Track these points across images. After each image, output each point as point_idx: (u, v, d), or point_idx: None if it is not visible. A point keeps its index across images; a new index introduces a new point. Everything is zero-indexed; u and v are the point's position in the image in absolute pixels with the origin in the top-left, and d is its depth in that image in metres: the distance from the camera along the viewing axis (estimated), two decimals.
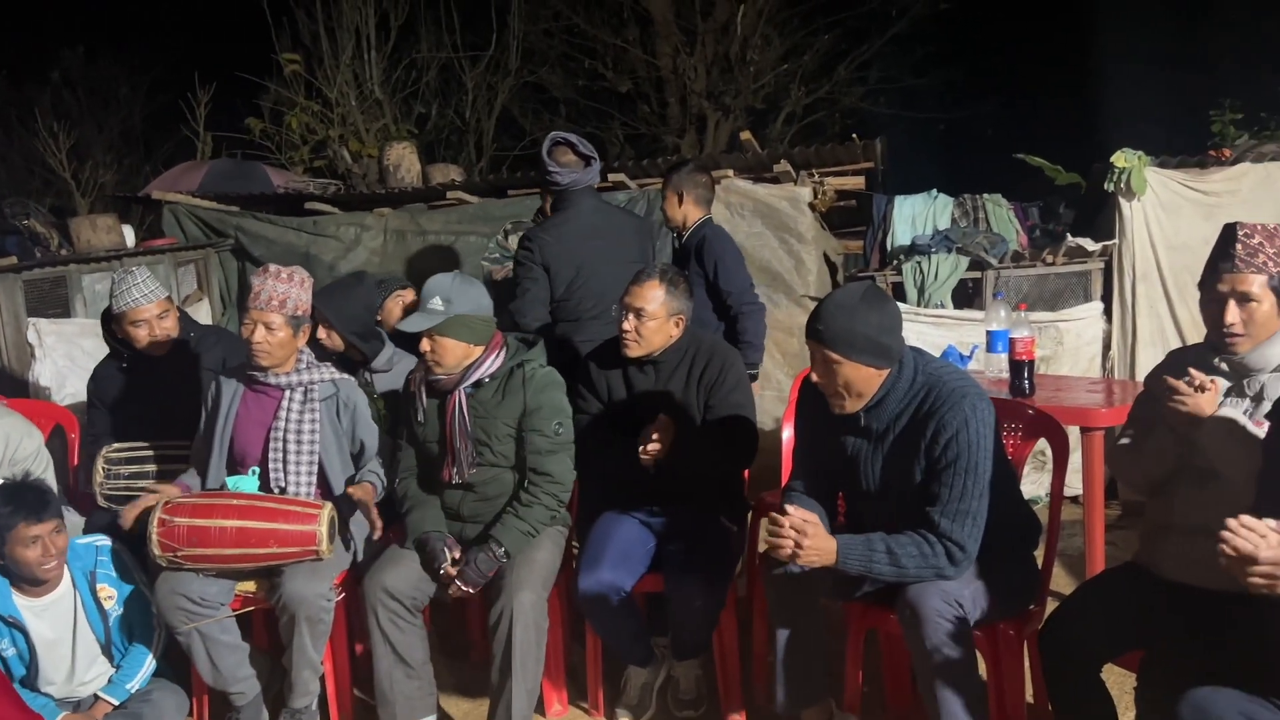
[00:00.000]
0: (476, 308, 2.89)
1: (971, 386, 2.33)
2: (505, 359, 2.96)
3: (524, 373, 2.94)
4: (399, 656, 2.88)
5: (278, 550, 2.82)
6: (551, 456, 2.92)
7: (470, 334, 2.87)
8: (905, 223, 5.46)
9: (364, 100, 10.03)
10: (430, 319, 2.82)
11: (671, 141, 11.68)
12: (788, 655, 2.56)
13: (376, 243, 5.88)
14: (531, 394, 2.92)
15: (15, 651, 2.82)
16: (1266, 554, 1.62)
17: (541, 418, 2.92)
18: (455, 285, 2.88)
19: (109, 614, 2.90)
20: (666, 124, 11.94)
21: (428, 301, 2.86)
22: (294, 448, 3.02)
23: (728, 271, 3.88)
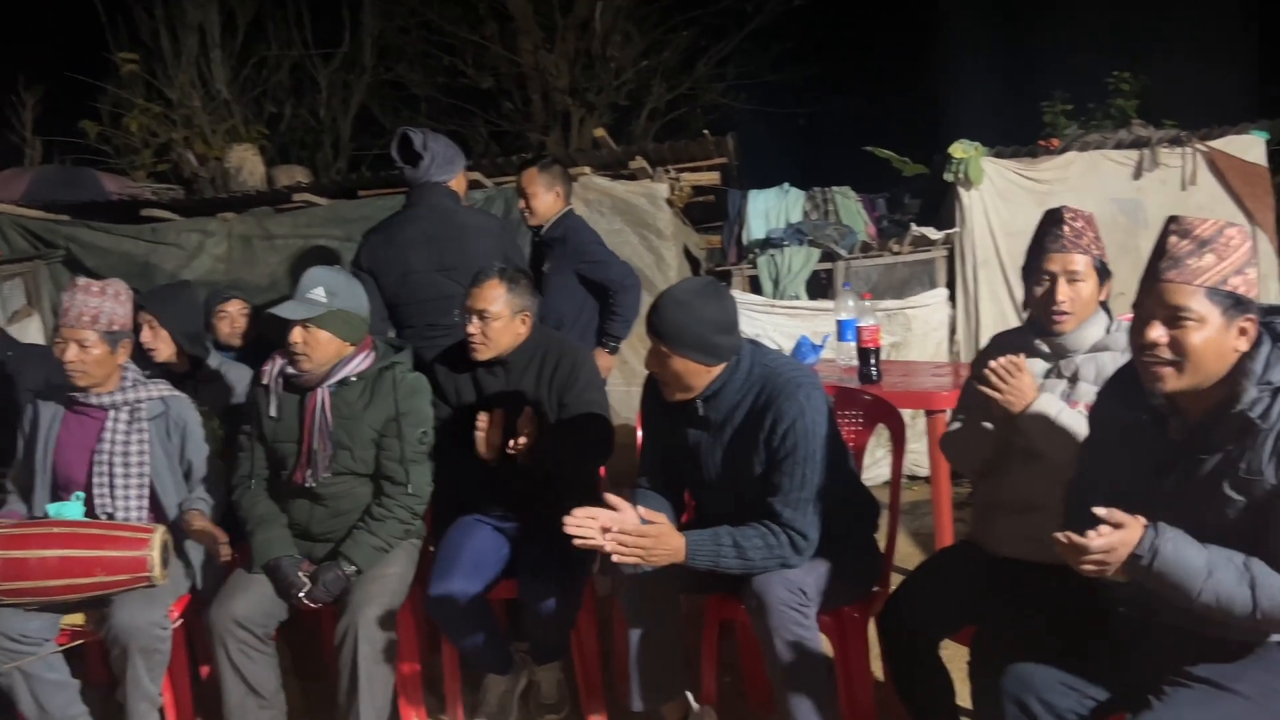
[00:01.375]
0: (356, 305, 2.83)
1: (805, 377, 2.37)
2: (375, 360, 2.87)
3: (394, 375, 2.87)
4: (250, 687, 2.75)
5: (105, 579, 2.66)
6: (412, 466, 2.84)
7: (347, 330, 2.79)
8: (760, 217, 5.55)
9: (210, 101, 9.62)
10: (309, 309, 2.72)
11: (536, 139, 11.59)
12: (642, 653, 2.56)
13: (221, 249, 5.63)
14: (401, 398, 2.84)
15: None
16: (1097, 543, 1.67)
17: (408, 423, 2.84)
18: (339, 279, 2.82)
19: None
20: (530, 121, 11.85)
21: (308, 291, 2.75)
22: (121, 470, 2.86)
23: (603, 266, 3.89)
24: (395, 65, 11.60)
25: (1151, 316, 1.73)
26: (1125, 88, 6.17)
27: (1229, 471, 1.71)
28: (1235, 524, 1.71)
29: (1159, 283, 1.72)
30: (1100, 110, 6.25)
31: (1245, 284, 1.70)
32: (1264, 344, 1.71)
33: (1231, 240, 1.70)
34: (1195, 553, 1.66)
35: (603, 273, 3.83)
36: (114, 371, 2.88)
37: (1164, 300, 1.71)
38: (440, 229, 3.48)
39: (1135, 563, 1.67)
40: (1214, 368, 1.71)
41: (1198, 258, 1.69)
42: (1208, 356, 1.69)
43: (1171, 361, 1.71)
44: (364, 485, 2.86)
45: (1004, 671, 1.95)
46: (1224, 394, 1.72)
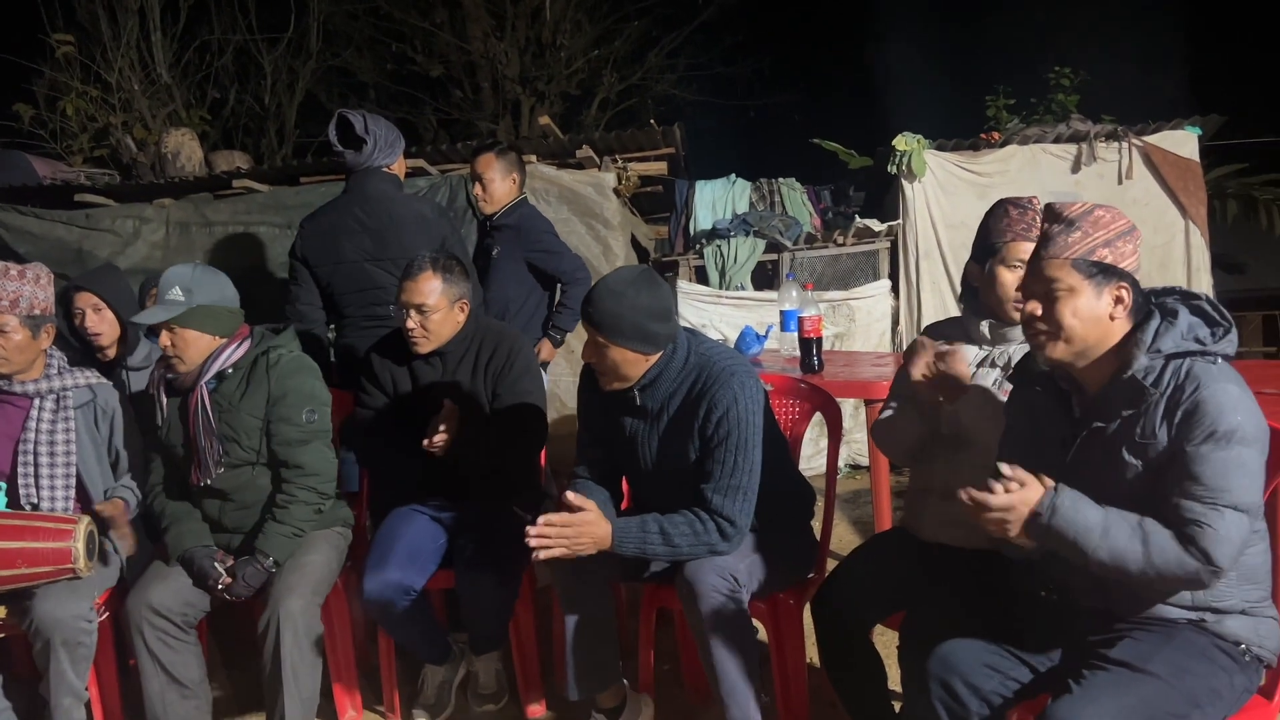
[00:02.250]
0: (220, 298, 2.75)
1: (740, 366, 2.38)
2: (250, 348, 2.81)
3: (268, 360, 2.79)
4: (171, 677, 2.70)
5: (28, 571, 2.59)
6: (303, 447, 2.78)
7: (214, 325, 2.73)
8: (706, 207, 5.57)
9: (150, 85, 9.41)
10: (169, 310, 2.65)
11: (486, 127, 11.51)
12: (577, 641, 2.55)
13: (158, 235, 5.51)
14: (276, 381, 2.77)
15: None
16: (996, 501, 1.74)
17: (288, 405, 2.77)
18: (196, 275, 2.73)
19: None
20: (480, 109, 11.75)
21: (166, 292, 2.68)
22: (46, 460, 2.79)
23: (556, 257, 3.90)
24: (343, 51, 11.45)
25: (1031, 295, 1.88)
26: (1066, 83, 6.28)
27: (1126, 437, 1.81)
28: (1134, 488, 1.80)
29: (1035, 263, 1.88)
30: (1041, 105, 6.35)
31: (1114, 255, 1.83)
32: (1154, 318, 1.83)
33: (1101, 219, 1.84)
34: (1092, 511, 1.75)
35: (555, 264, 3.81)
36: (38, 358, 2.80)
37: (1039, 276, 1.86)
38: (375, 219, 3.40)
39: (1035, 520, 1.75)
40: (1093, 335, 1.84)
41: (1066, 235, 1.84)
42: (1082, 323, 1.82)
43: (1048, 331, 1.84)
44: (264, 475, 2.81)
45: (929, 654, 1.97)
46: (1117, 364, 1.84)
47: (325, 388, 2.90)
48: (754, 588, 2.40)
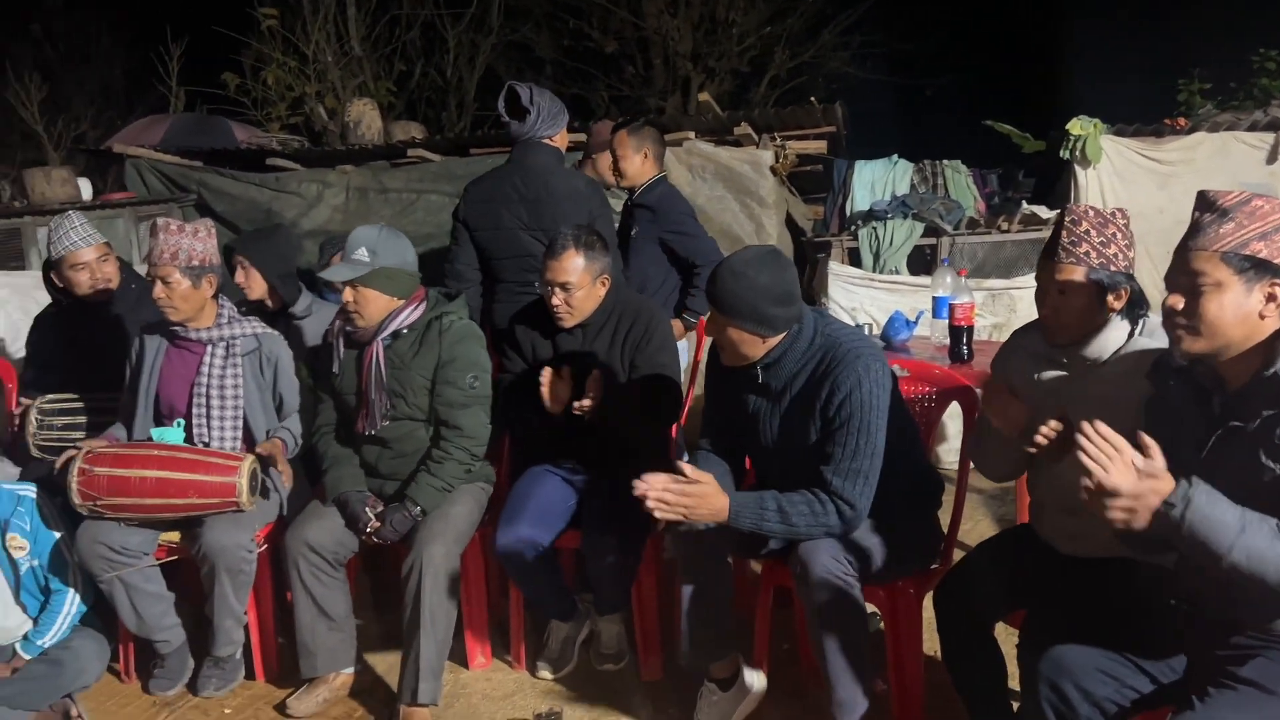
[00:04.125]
0: (401, 261, 2.90)
1: (867, 348, 2.35)
2: (425, 311, 2.97)
3: (441, 325, 2.95)
4: (320, 609, 2.91)
5: (197, 501, 2.85)
6: (464, 410, 2.93)
7: (393, 286, 2.88)
8: (865, 188, 5.46)
9: (343, 57, 9.96)
10: (354, 269, 2.83)
11: (654, 103, 11.61)
12: (692, 610, 2.59)
13: (339, 200, 5.86)
14: (447, 346, 2.92)
15: None
16: (1126, 487, 1.61)
17: (455, 369, 2.92)
18: (381, 237, 2.88)
19: (19, 563, 2.92)
20: (651, 85, 11.86)
21: (352, 252, 2.85)
22: (217, 402, 3.04)
23: (690, 239, 3.88)
24: (522, 27, 11.77)
25: (1175, 287, 1.76)
26: (1272, 66, 5.79)
27: (1265, 439, 1.67)
28: (1272, 493, 1.65)
29: (1181, 253, 1.75)
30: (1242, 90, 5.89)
31: (1270, 249, 1.68)
32: None
33: (1259, 209, 1.70)
34: (1228, 508, 1.60)
35: (689, 246, 3.82)
36: (205, 305, 3.04)
37: (1184, 268, 1.74)
38: (532, 189, 3.51)
39: (1167, 512, 1.61)
40: (1236, 333, 1.71)
41: (1218, 226, 1.71)
42: (1226, 320, 1.70)
43: (1188, 326, 1.73)
44: (424, 428, 2.97)
45: (1042, 654, 1.92)
46: (1262, 361, 1.71)
47: (488, 356, 3.04)
48: (870, 573, 2.38)
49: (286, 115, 9.47)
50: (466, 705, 2.93)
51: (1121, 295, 2.12)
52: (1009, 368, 2.39)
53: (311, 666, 2.93)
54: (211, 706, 2.98)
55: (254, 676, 3.10)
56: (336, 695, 2.95)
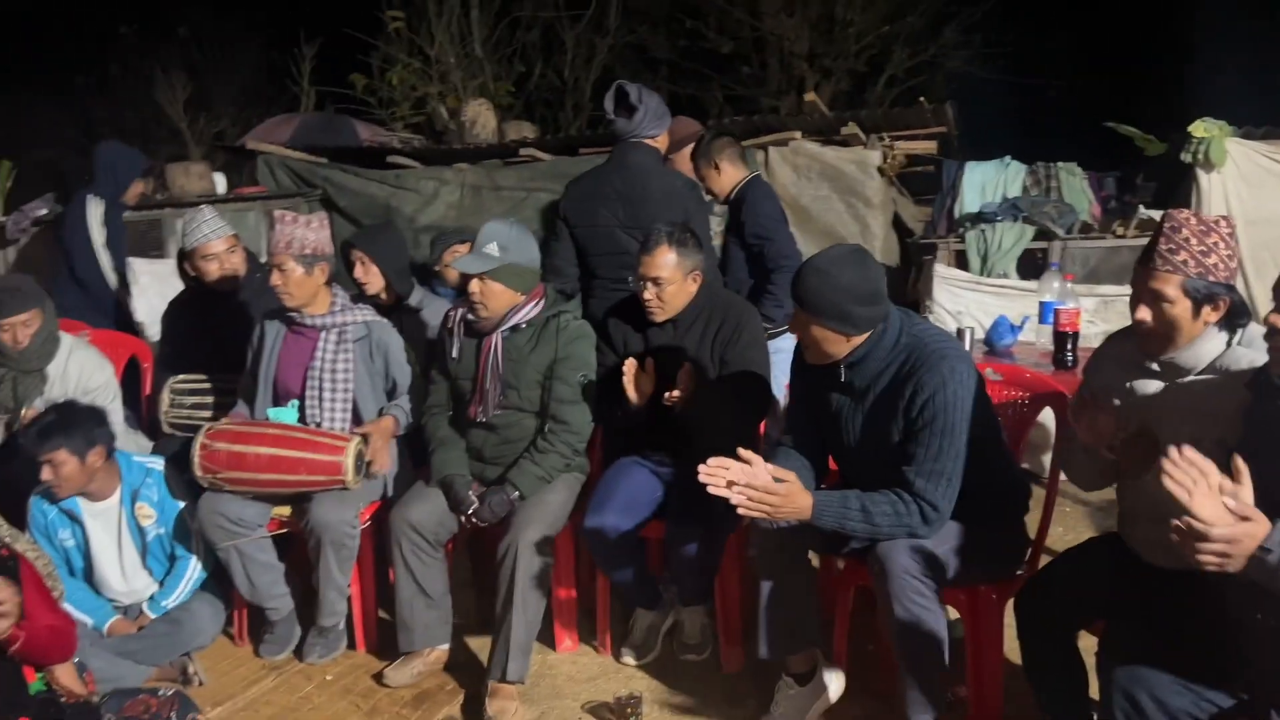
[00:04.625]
0: (528, 258, 3.03)
1: (952, 349, 2.34)
2: (544, 309, 3.09)
3: (558, 323, 3.07)
4: (419, 586, 3.06)
5: (307, 478, 3.03)
6: (573, 406, 3.04)
7: (518, 281, 3.01)
8: (975, 190, 5.36)
9: (464, 58, 10.25)
10: (484, 263, 2.96)
11: (769, 104, 11.57)
12: (770, 605, 2.62)
13: (454, 197, 6.06)
14: (562, 343, 3.04)
15: (74, 543, 3.12)
16: (1217, 532, 1.59)
17: (568, 367, 3.04)
18: (511, 233, 3.01)
19: (146, 531, 3.15)
20: (765, 86, 11.83)
21: (483, 246, 2.98)
22: (329, 385, 3.22)
23: (766, 225, 3.87)
24: (639, 28, 11.88)
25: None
26: None
27: None
28: None
29: None
30: None
31: None
32: None
33: None
34: None
35: (767, 250, 3.82)
36: (318, 293, 3.22)
37: None
38: (630, 188, 3.57)
39: (1264, 557, 1.58)
40: None
41: None
42: None
43: None
44: (531, 419, 3.09)
45: (1119, 666, 1.89)
46: None
47: (595, 355, 3.14)
48: (951, 575, 2.37)
49: (410, 114, 9.79)
50: (552, 685, 3.03)
51: (1219, 306, 2.06)
52: (1100, 374, 2.35)
53: (409, 640, 3.07)
54: (314, 672, 3.16)
55: (355, 647, 3.28)
56: (431, 669, 3.09)
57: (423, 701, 2.97)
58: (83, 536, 3.10)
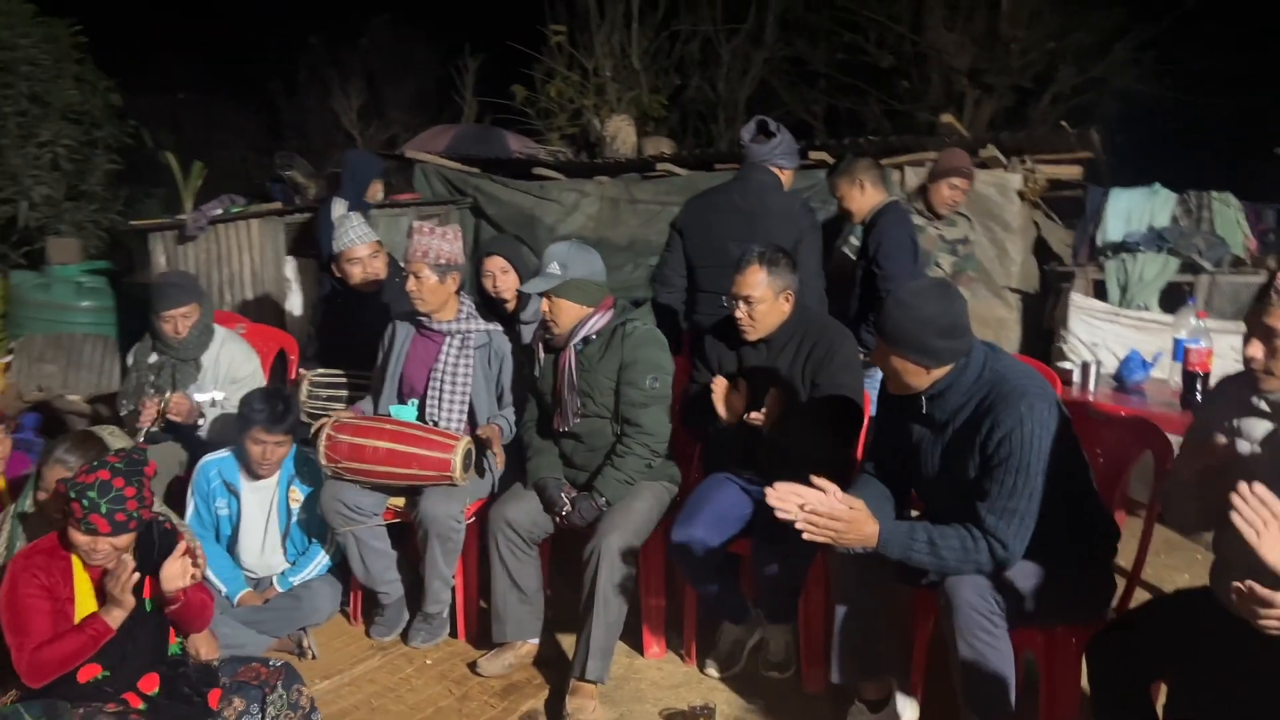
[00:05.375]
0: (590, 272, 3.16)
1: (1034, 387, 2.32)
2: (612, 318, 3.21)
3: (624, 330, 3.18)
4: (513, 581, 3.22)
5: (418, 472, 3.24)
6: (644, 409, 3.14)
7: (583, 296, 3.14)
8: (1120, 217, 5.15)
9: (621, 71, 10.50)
10: (548, 282, 3.12)
11: (925, 119, 11.34)
12: (844, 630, 2.65)
13: (593, 208, 6.26)
14: (628, 350, 3.15)
15: (228, 513, 3.46)
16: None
17: (636, 371, 3.14)
18: (571, 251, 3.16)
19: (293, 513, 3.44)
20: (924, 101, 11.59)
21: (546, 266, 3.15)
22: (449, 387, 3.43)
23: (888, 252, 3.85)
24: (796, 40, 11.86)
25: None
26: None
27: None
28: None
29: None
30: None
31: None
32: None
33: None
34: None
35: (885, 256, 3.80)
36: (449, 300, 3.43)
37: None
38: (749, 203, 3.67)
39: None
40: None
41: None
42: None
43: None
44: (611, 425, 3.22)
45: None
46: None
47: (670, 359, 3.24)
48: (1024, 615, 2.35)
49: (566, 126, 10.11)
50: (634, 689, 3.13)
51: None
52: (1210, 412, 2.28)
53: (501, 632, 3.24)
54: (416, 656, 3.37)
55: (457, 635, 3.47)
56: (521, 662, 3.25)
57: (510, 693, 3.13)
58: (237, 508, 3.42)
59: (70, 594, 2.39)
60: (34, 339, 6.65)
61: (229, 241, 5.89)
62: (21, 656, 2.30)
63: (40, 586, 2.36)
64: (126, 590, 2.38)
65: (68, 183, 8.49)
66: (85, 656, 2.36)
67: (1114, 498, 2.71)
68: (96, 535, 2.33)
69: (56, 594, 2.38)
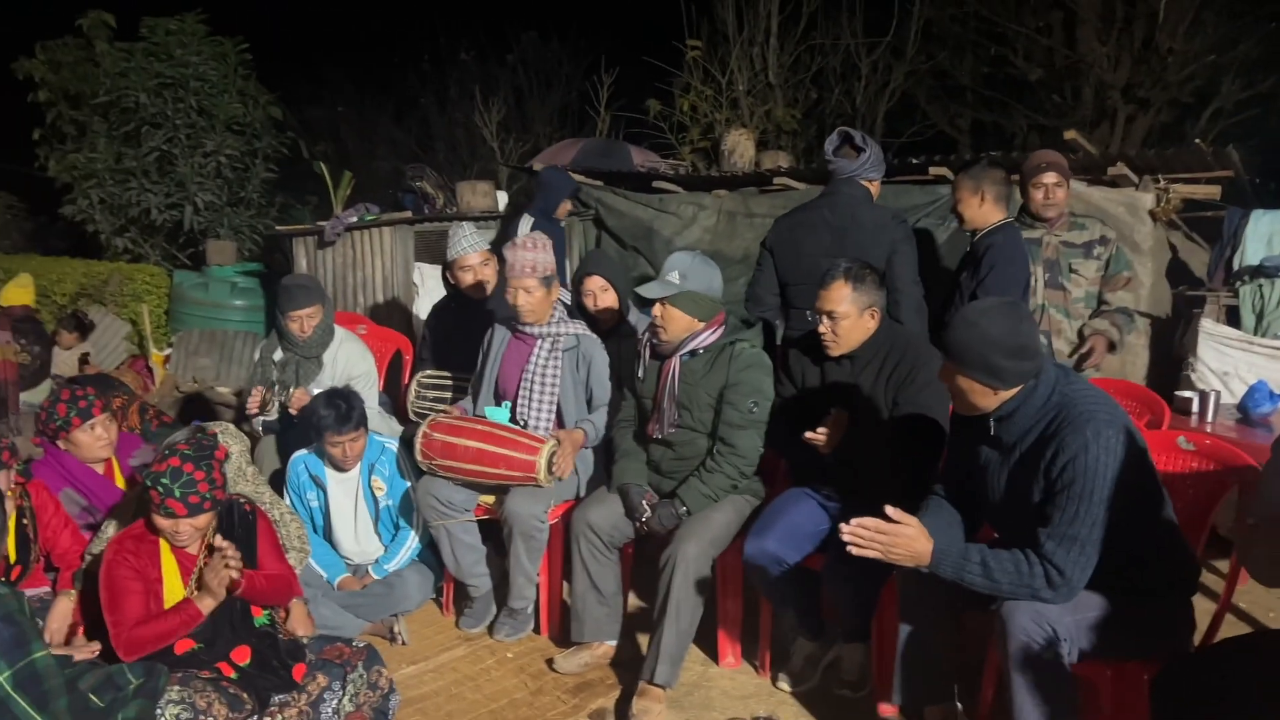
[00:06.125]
0: (707, 287, 3.20)
1: (1102, 412, 2.24)
2: (722, 336, 3.24)
3: (732, 350, 3.21)
4: (593, 583, 3.31)
5: (505, 472, 3.37)
6: (741, 431, 3.17)
7: (696, 308, 3.19)
8: (1260, 240, 4.87)
9: (756, 85, 10.53)
10: (665, 289, 3.18)
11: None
12: (906, 651, 2.62)
13: (710, 221, 6.31)
14: (734, 370, 3.18)
15: (318, 505, 3.67)
16: None
17: (739, 393, 3.17)
18: (693, 263, 3.21)
19: (379, 500, 3.63)
20: (1073, 115, 11.14)
21: (666, 274, 3.21)
22: (538, 389, 3.55)
23: (1001, 283, 3.69)
24: (939, 53, 11.62)
25: None
26: None
27: None
28: None
29: None
30: None
31: None
32: None
33: None
34: None
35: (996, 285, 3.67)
36: (550, 308, 3.57)
37: None
38: (840, 218, 3.65)
39: None
40: None
41: None
42: None
43: None
44: (704, 440, 3.24)
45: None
46: None
47: (772, 384, 3.24)
48: (1085, 647, 2.27)
49: (698, 140, 10.21)
50: (704, 697, 3.17)
51: None
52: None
53: (579, 632, 3.33)
54: (499, 648, 3.50)
55: (539, 631, 3.59)
56: (597, 662, 3.33)
57: (582, 690, 3.21)
58: (324, 500, 3.63)
59: (159, 575, 2.63)
60: (191, 333, 7.19)
61: (363, 247, 6.23)
62: (119, 634, 2.54)
63: (132, 569, 2.59)
64: (223, 584, 2.60)
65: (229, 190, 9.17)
66: (176, 638, 2.58)
67: (1201, 531, 2.59)
68: (175, 518, 2.55)
69: (147, 576, 2.61)
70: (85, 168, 8.92)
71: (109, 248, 9.23)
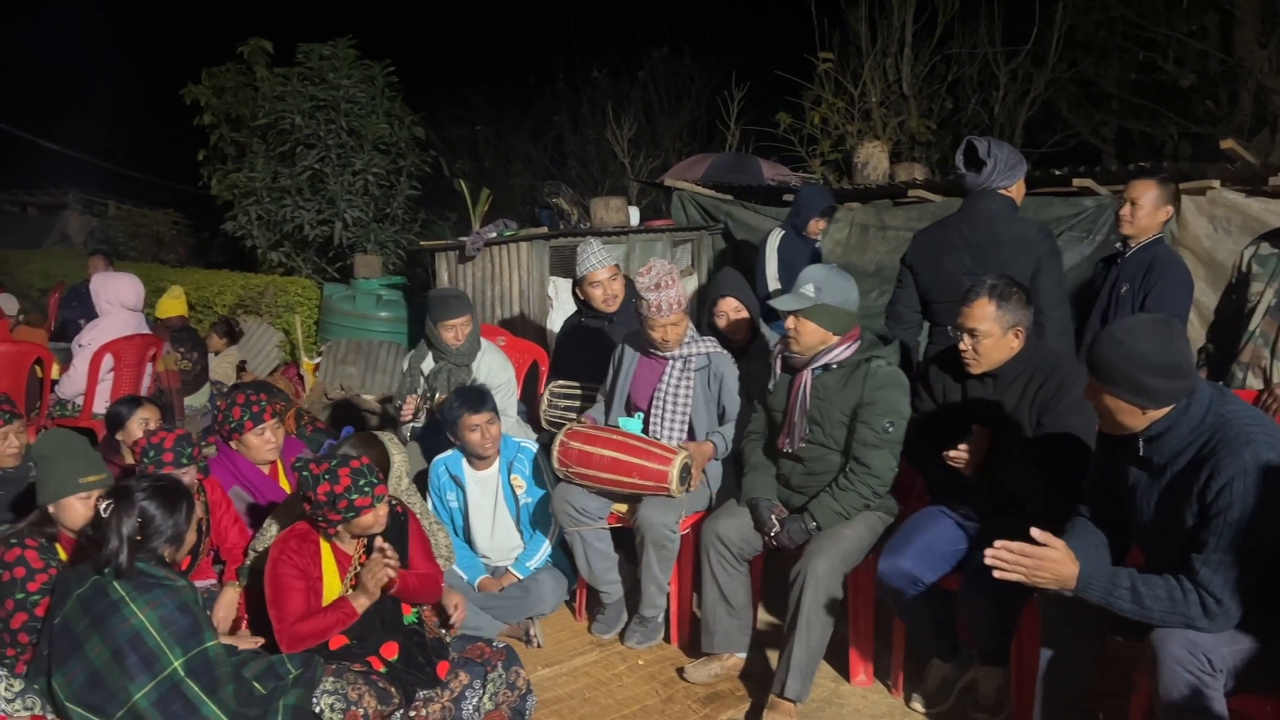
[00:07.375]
0: (843, 300, 3.18)
1: (1260, 434, 2.15)
2: (857, 351, 3.22)
3: (869, 367, 3.18)
4: (722, 595, 3.34)
5: (638, 482, 3.44)
6: (875, 451, 3.14)
7: (830, 322, 3.17)
8: None
9: (888, 96, 10.39)
10: (799, 301, 3.18)
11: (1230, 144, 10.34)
12: (1047, 677, 2.55)
13: (842, 234, 6.28)
14: (870, 389, 3.14)
15: (457, 505, 3.81)
16: None
17: (874, 413, 3.13)
18: (828, 276, 3.19)
19: (519, 498, 3.75)
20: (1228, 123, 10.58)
21: (801, 286, 3.20)
22: (670, 405, 3.62)
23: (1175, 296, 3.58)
24: (1083, 60, 11.22)
25: None
26: None
27: None
28: None
29: None
30: None
31: None
32: None
33: None
34: None
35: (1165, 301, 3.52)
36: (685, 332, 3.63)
37: None
38: (979, 235, 3.57)
39: None
40: None
41: None
42: None
43: None
44: (836, 455, 3.22)
45: None
46: None
47: (908, 403, 3.19)
48: (1241, 679, 2.18)
49: (829, 153, 10.13)
50: (835, 713, 3.15)
51: None
52: None
53: (709, 643, 3.37)
54: (630, 655, 3.56)
55: (670, 639, 3.64)
56: (727, 673, 3.36)
57: (712, 701, 3.24)
58: (463, 500, 3.77)
59: (319, 573, 2.79)
60: (339, 343, 7.55)
61: (501, 262, 6.43)
62: (282, 628, 2.71)
63: (295, 567, 2.76)
64: (379, 584, 2.74)
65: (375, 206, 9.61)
66: (334, 633, 2.73)
67: None
68: (367, 511, 2.70)
69: (308, 574, 2.77)
70: (245, 186, 9.50)
71: (264, 261, 9.79)
